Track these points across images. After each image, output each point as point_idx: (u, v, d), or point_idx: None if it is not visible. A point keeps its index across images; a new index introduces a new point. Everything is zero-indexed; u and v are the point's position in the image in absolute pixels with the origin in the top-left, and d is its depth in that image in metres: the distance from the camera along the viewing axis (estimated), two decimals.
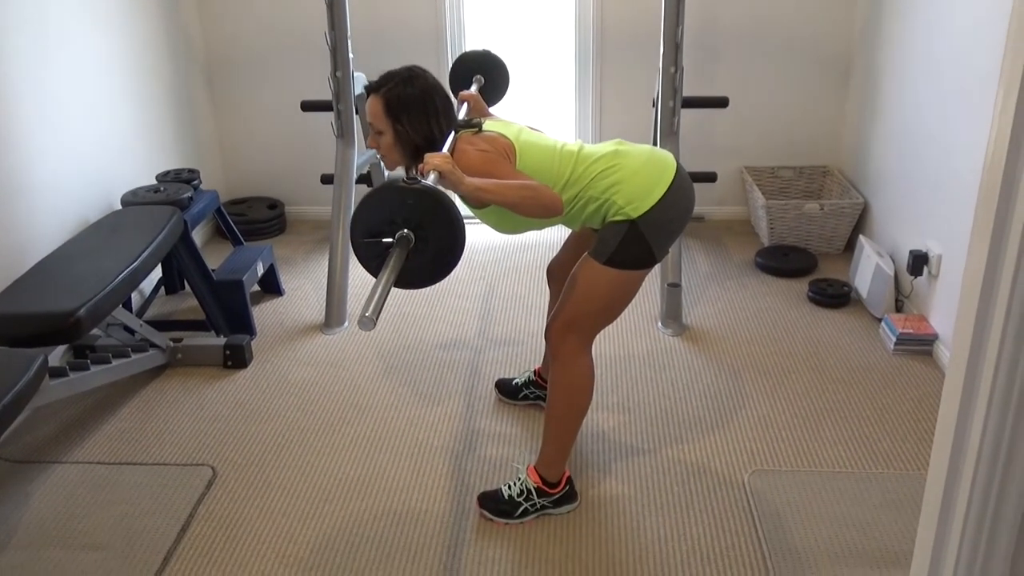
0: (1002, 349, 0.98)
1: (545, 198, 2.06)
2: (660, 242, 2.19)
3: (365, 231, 1.88)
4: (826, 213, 3.92)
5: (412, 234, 1.85)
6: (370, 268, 1.93)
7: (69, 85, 3.26)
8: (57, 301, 2.50)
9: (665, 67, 3.48)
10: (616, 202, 2.15)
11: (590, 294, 2.23)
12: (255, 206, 4.54)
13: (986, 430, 1.01)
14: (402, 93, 2.18)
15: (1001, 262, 0.95)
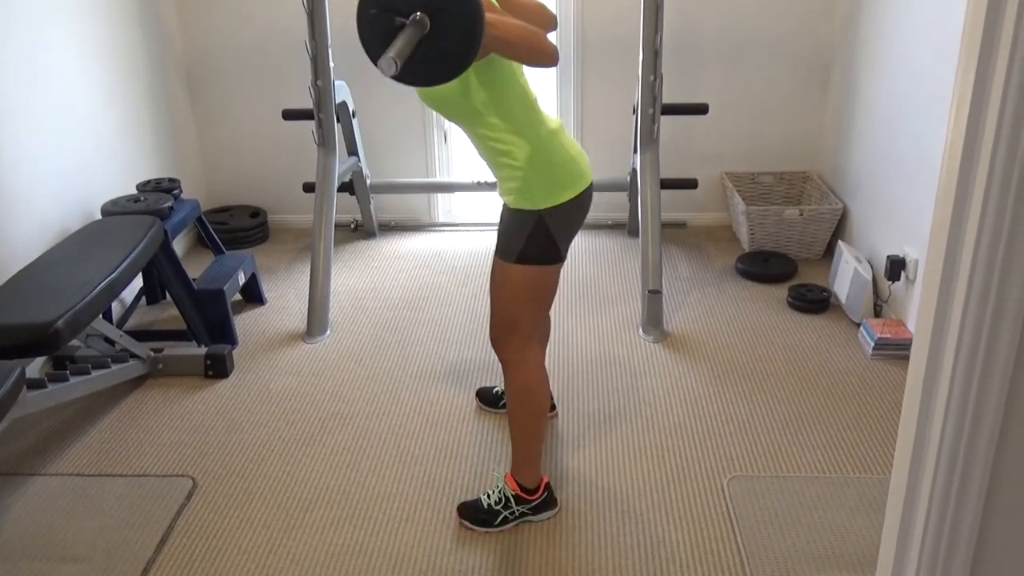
0: (959, 352, 0.99)
1: (545, 44, 1.97)
2: (564, 237, 2.19)
3: (377, 3, 1.75)
4: (806, 219, 3.95)
5: (427, 18, 1.75)
6: (371, 49, 1.81)
7: (47, 95, 3.25)
8: (35, 312, 2.49)
9: (644, 75, 3.50)
10: (531, 179, 2.11)
11: (511, 295, 2.24)
12: (237, 214, 4.54)
13: (944, 436, 1.02)
14: None
15: (957, 265, 0.97)
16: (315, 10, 3.45)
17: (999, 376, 0.98)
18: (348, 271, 4.12)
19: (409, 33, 1.71)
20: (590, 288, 3.87)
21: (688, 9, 4.12)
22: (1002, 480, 1.06)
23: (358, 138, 4.17)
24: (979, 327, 0.96)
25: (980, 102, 0.90)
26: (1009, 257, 0.92)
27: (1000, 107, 0.86)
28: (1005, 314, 0.95)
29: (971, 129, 0.92)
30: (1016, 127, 0.85)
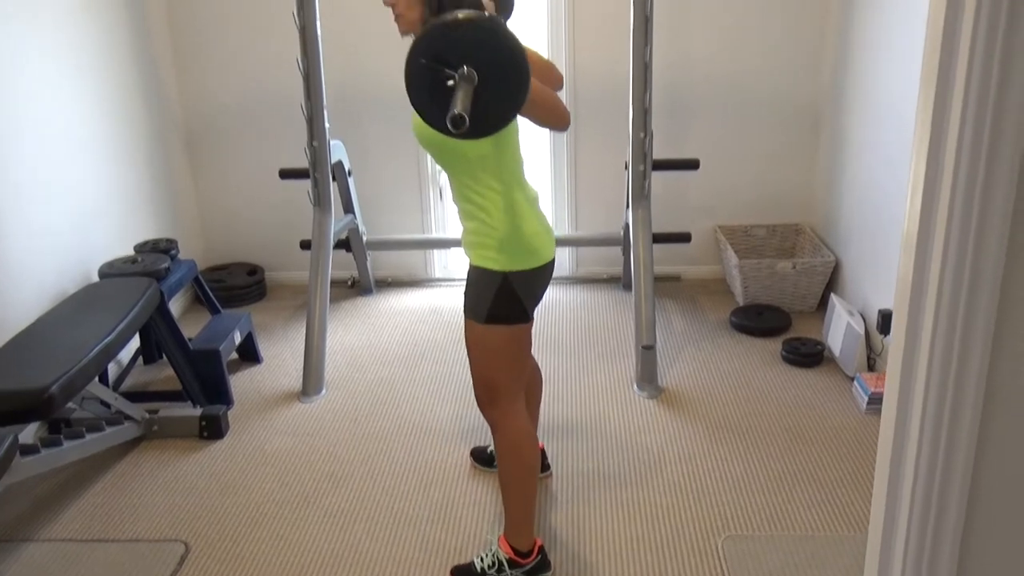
0: (926, 405, 1.01)
1: (563, 108, 2.09)
2: (529, 300, 2.21)
3: (427, 55, 1.79)
4: (798, 272, 3.97)
5: (475, 72, 1.79)
6: (419, 97, 1.84)
7: (46, 157, 3.30)
8: (29, 378, 2.51)
9: (635, 132, 3.56)
10: (500, 240, 2.14)
11: (487, 357, 2.25)
12: (235, 272, 4.57)
13: (915, 493, 1.03)
14: None
15: (922, 316, 0.98)
16: (310, 73, 3.52)
17: (966, 430, 0.99)
18: (345, 328, 4.14)
19: (465, 88, 1.76)
20: (585, 343, 3.88)
21: (677, 66, 4.20)
22: (975, 529, 1.07)
23: (354, 196, 4.22)
24: (944, 379, 0.97)
25: (935, 167, 0.93)
26: (971, 309, 0.93)
27: (953, 173, 0.89)
28: (970, 365, 0.96)
29: (928, 188, 0.94)
30: (969, 189, 0.87)
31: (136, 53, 3.98)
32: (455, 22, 1.79)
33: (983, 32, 0.82)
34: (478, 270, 2.20)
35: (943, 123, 0.87)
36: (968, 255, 0.89)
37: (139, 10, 4.02)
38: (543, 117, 2.07)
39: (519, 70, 1.82)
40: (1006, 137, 0.84)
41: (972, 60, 0.83)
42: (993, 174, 0.86)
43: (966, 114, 0.85)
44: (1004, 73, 0.82)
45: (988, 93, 0.84)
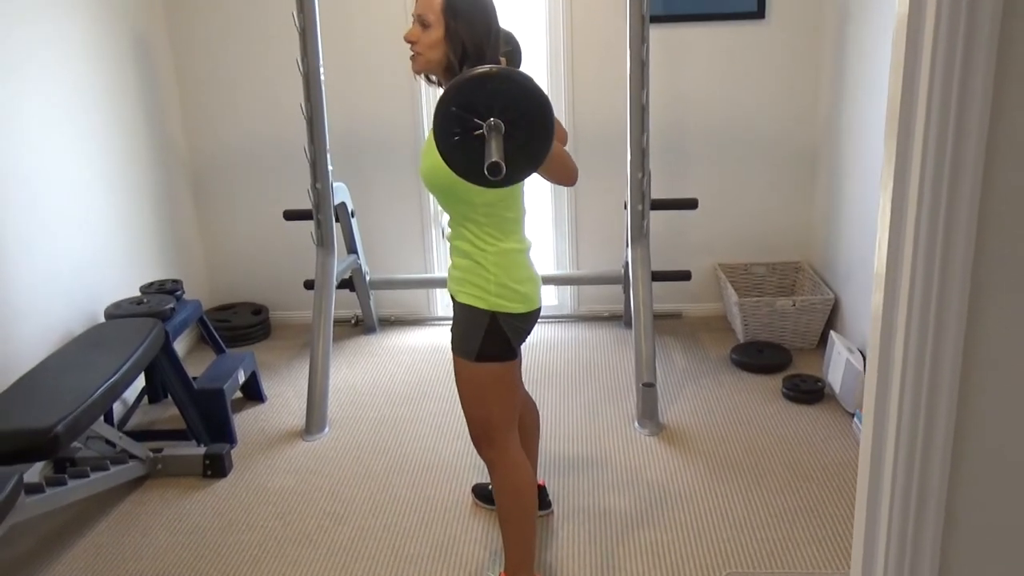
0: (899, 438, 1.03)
1: (573, 164, 2.18)
2: (517, 339, 2.25)
3: (458, 104, 1.84)
4: (798, 309, 4.00)
5: (502, 124, 1.84)
6: (446, 143, 1.88)
7: (54, 199, 3.37)
8: (35, 418, 2.54)
9: (633, 172, 3.61)
10: (490, 283, 2.18)
11: (478, 395, 2.29)
12: (240, 311, 4.62)
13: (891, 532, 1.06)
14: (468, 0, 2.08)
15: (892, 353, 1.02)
16: (313, 117, 3.59)
17: (938, 462, 1.02)
18: (348, 366, 4.18)
19: (496, 138, 1.82)
20: (587, 380, 3.91)
21: (675, 108, 4.27)
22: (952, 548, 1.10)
23: (357, 237, 4.28)
24: (915, 411, 1.01)
25: (900, 210, 0.97)
26: (939, 341, 0.97)
27: (916, 215, 0.93)
28: (939, 398, 0.99)
29: (894, 230, 0.98)
30: (932, 229, 0.91)
31: (143, 96, 4.07)
32: (489, 74, 1.85)
33: (939, 81, 0.86)
34: (466, 308, 2.23)
35: (906, 167, 0.91)
36: (933, 291, 0.92)
37: (146, 55, 4.11)
38: (557, 172, 2.14)
39: (544, 124, 1.87)
40: (965, 179, 0.88)
41: (930, 108, 0.87)
42: (954, 216, 0.90)
43: (926, 160, 0.89)
44: (959, 120, 0.86)
45: (946, 138, 0.88)
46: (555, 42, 4.27)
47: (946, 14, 0.83)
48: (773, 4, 4.14)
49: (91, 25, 3.64)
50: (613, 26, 4.14)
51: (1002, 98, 0.89)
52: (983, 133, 0.87)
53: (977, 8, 0.83)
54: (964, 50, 0.84)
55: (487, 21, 2.09)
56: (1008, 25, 0.86)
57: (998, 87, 0.88)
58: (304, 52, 3.52)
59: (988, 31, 0.84)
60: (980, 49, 0.84)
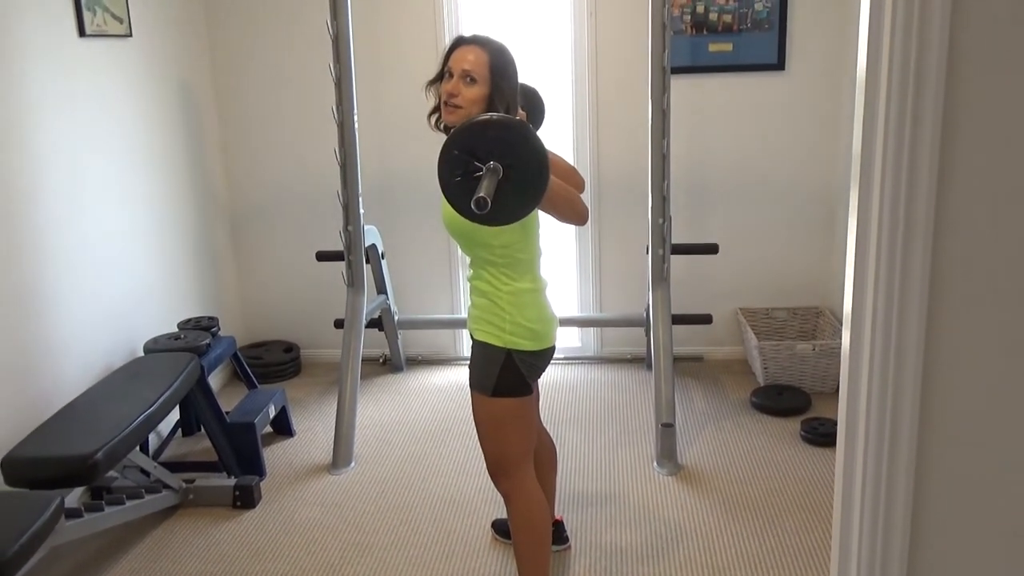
0: None
1: (582, 206, 2.28)
2: (533, 375, 2.36)
3: (461, 147, 1.99)
4: (818, 354, 4.06)
5: (500, 167, 1.98)
6: (448, 182, 2.02)
7: (101, 237, 3.54)
8: (76, 445, 2.67)
9: (654, 218, 3.72)
10: (506, 322, 2.28)
11: (494, 430, 2.38)
12: (272, 349, 4.76)
13: None
14: (509, 58, 2.25)
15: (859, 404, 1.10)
16: (347, 162, 3.75)
17: (901, 499, 1.10)
18: (375, 404, 4.29)
19: (490, 178, 1.97)
20: (608, 420, 3.98)
21: (697, 155, 4.38)
22: None
23: (387, 278, 4.41)
24: (879, 448, 1.09)
25: (863, 255, 1.06)
26: (899, 372, 1.05)
27: (875, 263, 1.02)
28: (901, 431, 1.07)
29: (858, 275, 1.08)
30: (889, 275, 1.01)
31: (188, 142, 4.26)
32: (490, 121, 2.03)
33: (892, 138, 0.96)
34: (482, 345, 2.34)
35: (867, 215, 1.01)
36: (892, 330, 1.02)
37: (191, 101, 4.32)
38: (562, 212, 2.26)
39: (539, 170, 2.01)
40: (917, 228, 0.97)
41: (885, 162, 0.97)
42: (909, 259, 0.99)
43: (883, 208, 0.99)
44: (912, 172, 0.96)
45: (899, 190, 0.98)
46: (580, 91, 4.41)
47: (896, 78, 0.93)
48: (793, 56, 4.26)
49: (142, 70, 3.85)
50: (636, 76, 4.28)
51: (949, 155, 0.99)
52: (932, 187, 0.97)
53: (924, 71, 0.93)
54: (913, 108, 0.95)
55: (517, 82, 2.28)
56: (953, 83, 0.96)
57: (945, 145, 0.98)
58: (339, 101, 3.69)
59: (934, 91, 0.94)
60: (927, 108, 0.94)
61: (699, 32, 4.27)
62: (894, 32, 0.93)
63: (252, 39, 4.49)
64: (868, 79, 0.97)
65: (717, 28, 4.26)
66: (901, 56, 0.94)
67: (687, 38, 4.28)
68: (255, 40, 4.49)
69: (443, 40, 4.37)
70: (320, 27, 3.82)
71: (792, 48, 4.25)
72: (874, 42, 0.96)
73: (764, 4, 4.21)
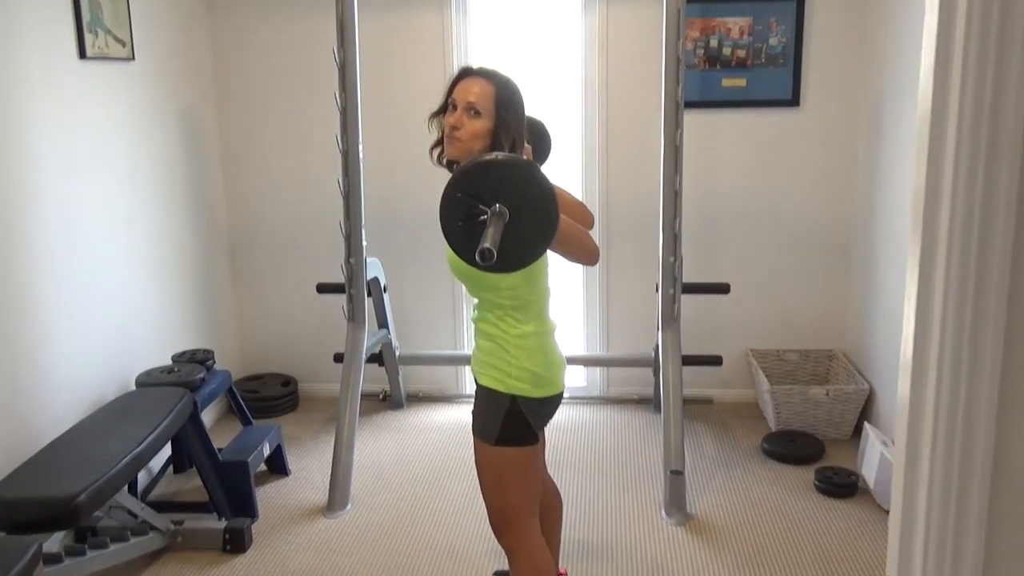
0: None
1: (592, 244, 2.14)
2: (538, 423, 2.23)
3: (464, 189, 1.86)
4: (832, 399, 3.93)
5: (507, 211, 1.85)
6: (451, 227, 1.89)
7: (97, 267, 3.43)
8: (58, 486, 2.54)
9: (665, 256, 3.61)
10: (513, 366, 2.16)
11: (497, 480, 2.25)
12: (269, 383, 4.63)
13: None
14: (515, 91, 2.15)
15: None
16: (350, 193, 3.65)
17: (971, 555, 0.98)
18: (374, 442, 4.15)
19: (496, 224, 1.83)
20: (614, 465, 3.84)
21: (708, 192, 4.29)
22: None
23: (388, 312, 4.30)
24: (945, 504, 0.97)
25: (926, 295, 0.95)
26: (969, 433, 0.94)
27: (943, 299, 0.91)
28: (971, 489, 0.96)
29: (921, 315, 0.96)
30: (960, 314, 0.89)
31: (188, 169, 4.17)
32: (494, 161, 1.89)
33: (963, 177, 0.86)
34: (487, 391, 2.22)
35: (932, 255, 0.90)
36: (962, 381, 0.90)
37: (193, 128, 4.23)
38: (572, 253, 2.13)
39: (548, 212, 1.88)
40: (992, 269, 0.86)
41: (955, 204, 0.86)
42: (982, 304, 0.88)
43: (951, 249, 0.88)
44: (985, 212, 0.85)
45: (972, 232, 0.87)
46: (589, 125, 4.33)
47: (969, 113, 0.83)
48: (808, 92, 4.18)
49: (143, 95, 3.76)
50: (647, 111, 4.20)
51: None
52: (1010, 224, 0.86)
53: (1001, 107, 0.82)
54: (988, 147, 0.84)
55: (523, 115, 2.17)
56: None
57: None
58: (344, 129, 3.60)
59: (1012, 126, 0.84)
60: (1005, 145, 0.84)
61: (712, 67, 4.19)
62: (966, 59, 0.83)
63: (257, 66, 4.42)
64: (934, 108, 0.86)
65: (731, 63, 4.18)
66: (975, 84, 0.83)
67: (700, 72, 4.20)
68: (260, 67, 4.42)
69: (452, 70, 4.29)
70: (326, 55, 3.74)
71: (807, 84, 4.17)
72: (941, 67, 0.85)
73: (779, 39, 4.14)
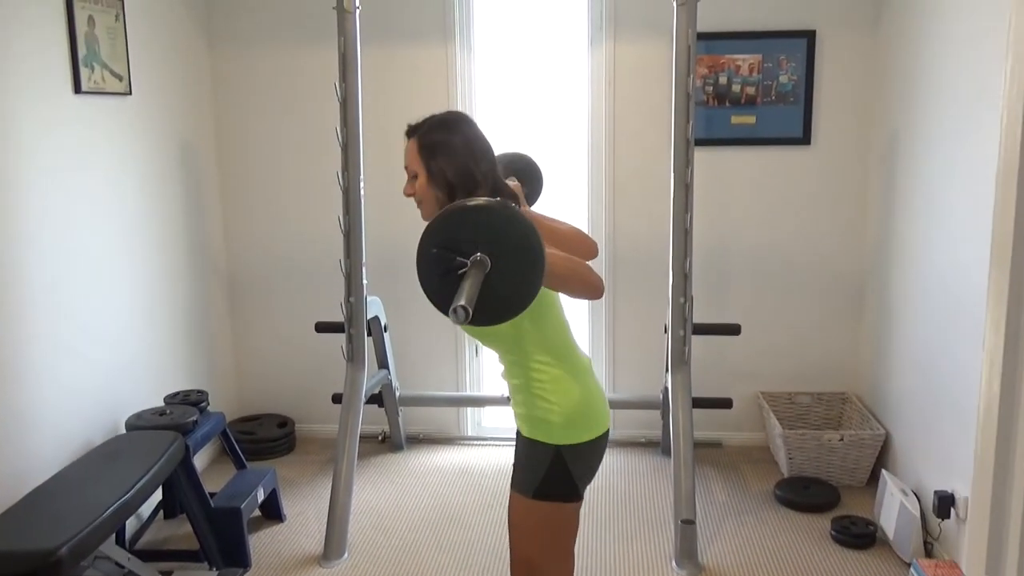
0: None
1: (593, 276, 1.94)
2: (581, 476, 2.11)
3: (438, 243, 1.74)
4: (846, 444, 3.80)
5: (488, 259, 1.72)
6: (430, 284, 1.77)
7: (86, 305, 3.31)
8: (39, 538, 2.41)
9: (675, 297, 3.50)
10: (553, 410, 2.06)
11: (529, 535, 2.12)
12: (266, 423, 4.50)
13: None
14: (437, 133, 2.07)
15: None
16: (351, 231, 3.55)
17: None
18: (372, 487, 4.01)
19: (474, 276, 1.70)
20: (621, 511, 3.70)
21: (718, 231, 4.19)
22: None
23: (389, 352, 4.18)
24: None
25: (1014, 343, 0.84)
26: None
27: None
28: None
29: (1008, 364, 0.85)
30: None
31: (186, 205, 4.08)
32: (465, 208, 1.77)
33: None
34: (529, 442, 2.11)
35: (1020, 297, 0.79)
36: None
37: (192, 161, 4.14)
38: (571, 288, 1.98)
39: (532, 253, 1.74)
40: None
41: None
42: None
43: None
44: None
45: None
46: (596, 161, 4.24)
47: None
48: (819, 130, 4.09)
49: (140, 131, 3.67)
50: (655, 147, 4.11)
51: None
52: None
53: None
54: None
55: (469, 149, 2.05)
56: None
57: None
58: (345, 166, 3.51)
59: None
60: None
61: (721, 104, 4.11)
62: None
63: (257, 101, 4.34)
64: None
65: (740, 100, 4.10)
66: None
67: (708, 110, 4.12)
68: (260, 102, 4.34)
69: (455, 103, 4.22)
70: (327, 90, 3.66)
71: (818, 122, 4.09)
72: None
73: (789, 77, 4.06)
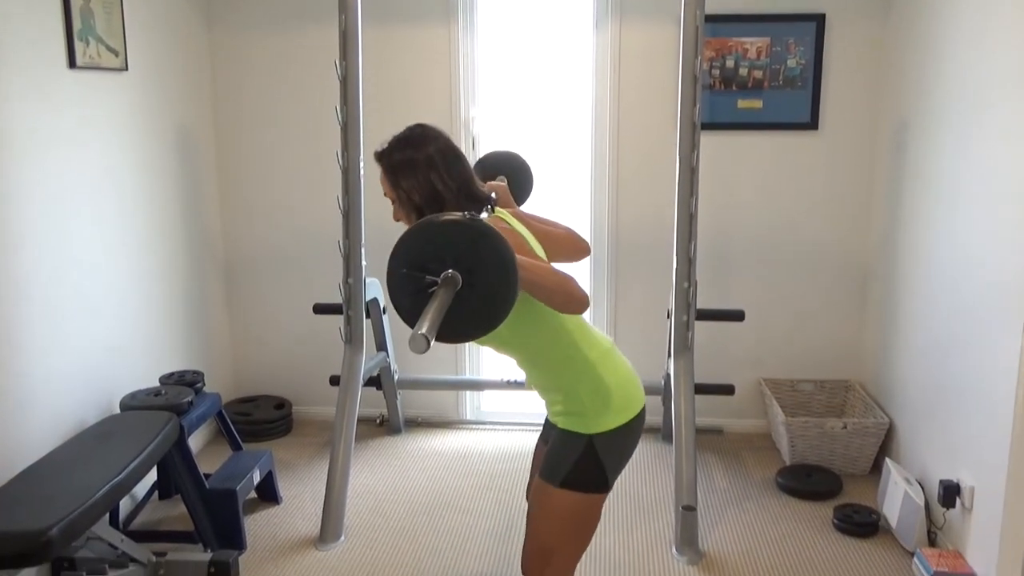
0: None
1: (575, 289, 1.88)
2: (613, 467, 2.07)
3: (407, 262, 1.70)
4: (849, 432, 3.75)
5: (459, 275, 1.68)
6: (402, 304, 1.75)
7: (80, 285, 3.26)
8: (30, 519, 2.36)
9: (679, 282, 3.45)
10: (582, 401, 2.04)
11: (550, 522, 2.09)
12: (263, 405, 4.46)
13: None
14: (399, 153, 2.07)
15: None
16: (350, 211, 3.50)
17: None
18: (370, 470, 3.97)
19: (441, 297, 1.65)
20: (621, 498, 3.66)
21: (723, 216, 4.14)
22: None
23: (387, 334, 4.13)
24: None
25: None
26: None
27: None
28: None
29: None
30: None
31: (183, 184, 4.02)
32: (430, 225, 1.73)
33: None
34: (563, 432, 2.08)
35: None
36: None
37: (190, 144, 4.08)
38: (557, 301, 1.89)
39: (504, 265, 1.69)
40: None
41: None
42: None
43: None
44: None
45: None
46: (599, 145, 4.18)
47: None
48: (827, 115, 4.03)
49: (136, 108, 3.61)
50: (659, 131, 4.05)
51: None
52: None
53: None
54: None
55: (432, 164, 2.03)
56: None
57: None
58: (345, 146, 3.45)
59: None
60: None
61: (727, 88, 4.05)
62: None
63: (256, 81, 4.28)
64: None
65: (747, 84, 4.03)
66: None
67: (714, 94, 4.05)
68: (259, 82, 4.28)
69: (457, 85, 4.16)
70: (328, 70, 3.60)
71: (826, 107, 4.03)
72: None
73: (797, 61, 4.00)
